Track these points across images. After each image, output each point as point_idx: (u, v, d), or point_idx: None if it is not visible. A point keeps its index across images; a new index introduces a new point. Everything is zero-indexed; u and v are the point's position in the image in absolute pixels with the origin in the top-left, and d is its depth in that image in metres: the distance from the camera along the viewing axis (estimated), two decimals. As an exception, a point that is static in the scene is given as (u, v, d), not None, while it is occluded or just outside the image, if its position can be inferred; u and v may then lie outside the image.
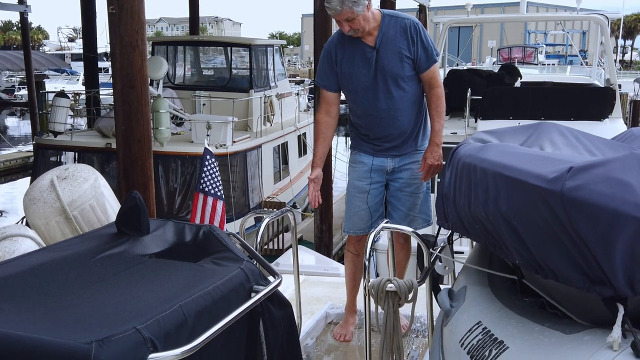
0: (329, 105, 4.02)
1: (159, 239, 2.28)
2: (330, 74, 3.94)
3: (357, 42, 3.86)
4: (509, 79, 12.86)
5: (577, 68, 18.19)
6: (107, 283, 1.87)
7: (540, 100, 10.48)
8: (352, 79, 3.90)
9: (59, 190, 2.83)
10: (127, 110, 5.26)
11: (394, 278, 2.56)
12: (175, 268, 2.02)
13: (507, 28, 49.25)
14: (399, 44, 3.81)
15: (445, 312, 2.27)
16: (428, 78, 3.90)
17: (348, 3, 3.63)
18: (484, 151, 2.06)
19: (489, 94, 10.80)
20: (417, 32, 3.84)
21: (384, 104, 3.89)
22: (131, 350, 1.47)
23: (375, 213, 4.09)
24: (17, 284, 1.84)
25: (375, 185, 4.06)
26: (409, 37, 3.82)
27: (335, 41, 3.94)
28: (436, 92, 3.90)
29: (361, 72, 3.86)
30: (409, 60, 3.83)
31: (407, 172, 4.04)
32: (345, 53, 3.89)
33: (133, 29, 5.17)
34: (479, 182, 1.95)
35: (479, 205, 1.94)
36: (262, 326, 2.02)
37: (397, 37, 3.82)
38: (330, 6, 3.66)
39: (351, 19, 3.69)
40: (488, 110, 10.63)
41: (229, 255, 2.11)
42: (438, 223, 2.72)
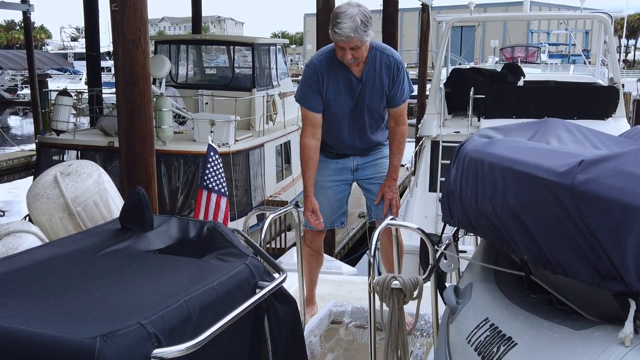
0: (314, 128, 3.94)
1: (163, 234, 2.27)
2: (317, 96, 3.88)
3: (344, 69, 3.83)
4: (512, 78, 12.82)
5: (580, 67, 18.16)
6: (111, 278, 1.85)
7: (543, 99, 10.45)
8: (334, 104, 3.90)
9: (62, 186, 2.81)
10: (130, 108, 5.24)
11: (399, 275, 2.54)
12: (180, 264, 2.00)
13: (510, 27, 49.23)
14: (382, 80, 3.84)
15: (452, 309, 2.25)
16: (396, 115, 3.97)
17: (360, 32, 3.56)
18: (491, 146, 2.04)
19: (492, 92, 10.77)
20: (398, 71, 3.86)
21: (357, 130, 3.98)
22: (135, 345, 1.46)
23: (338, 210, 4.15)
24: (20, 279, 1.83)
25: (337, 182, 4.12)
26: (390, 75, 3.85)
27: (324, 64, 3.86)
28: (401, 130, 3.98)
29: (344, 100, 3.88)
30: (385, 96, 3.90)
31: (372, 169, 4.14)
32: (332, 78, 3.85)
33: (135, 27, 5.15)
34: (486, 176, 1.92)
35: (486, 200, 1.92)
36: (266, 322, 2.00)
37: (382, 72, 3.84)
38: (342, 33, 3.56)
39: (357, 47, 3.65)
40: (491, 109, 10.60)
41: (233, 251, 2.09)
42: (443, 220, 2.70)
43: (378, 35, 14.24)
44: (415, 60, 55.99)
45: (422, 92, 20.10)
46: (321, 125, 3.96)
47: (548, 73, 16.65)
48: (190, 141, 11.65)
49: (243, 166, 12.13)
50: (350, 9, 3.56)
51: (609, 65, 11.88)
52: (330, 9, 10.50)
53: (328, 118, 3.97)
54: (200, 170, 11.37)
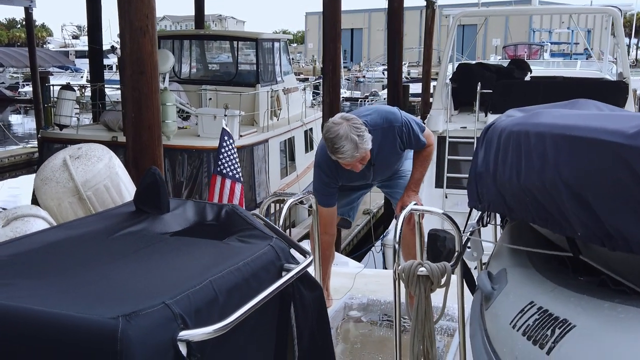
0: (328, 225, 3.97)
1: (180, 217, 2.15)
2: (332, 194, 3.90)
3: None
4: (519, 73, 12.71)
5: (588, 63, 18.03)
6: (127, 259, 1.74)
7: (551, 94, 10.31)
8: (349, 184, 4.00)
9: (72, 169, 2.69)
10: (137, 97, 5.12)
11: (425, 262, 2.43)
12: (200, 245, 1.89)
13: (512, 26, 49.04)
14: (393, 148, 3.81)
15: (486, 295, 2.12)
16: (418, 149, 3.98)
17: (360, 146, 3.47)
18: (537, 117, 1.91)
19: (499, 87, 10.66)
20: (406, 135, 3.79)
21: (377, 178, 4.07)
22: (161, 327, 1.34)
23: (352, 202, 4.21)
24: (32, 260, 1.71)
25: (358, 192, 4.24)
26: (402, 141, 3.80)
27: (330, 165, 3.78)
28: (427, 150, 3.96)
29: (358, 181, 3.97)
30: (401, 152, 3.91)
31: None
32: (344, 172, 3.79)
33: (143, 14, 5.03)
34: (532, 149, 1.80)
35: (532, 175, 1.79)
36: (292, 308, 1.89)
37: (391, 146, 3.80)
38: (345, 157, 3.48)
39: (364, 156, 3.58)
40: (498, 104, 10.49)
41: (256, 233, 1.97)
42: (470, 205, 2.59)
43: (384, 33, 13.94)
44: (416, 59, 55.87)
45: (426, 89, 19.97)
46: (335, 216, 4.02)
47: (555, 68, 16.51)
48: (194, 136, 11.56)
49: (247, 162, 12.03)
50: (341, 129, 3.44)
51: (618, 59, 11.76)
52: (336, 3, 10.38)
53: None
54: (204, 166, 11.30)
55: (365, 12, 72.79)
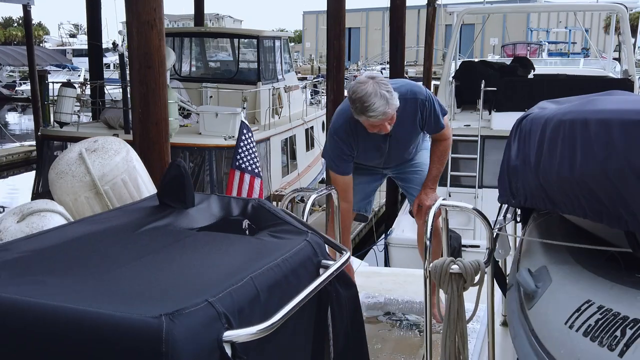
0: (346, 193, 3.81)
1: (205, 212, 2.05)
2: (350, 161, 3.76)
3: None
4: (522, 71, 12.65)
5: (591, 60, 17.95)
6: (158, 256, 1.64)
7: (556, 91, 10.23)
8: (364, 158, 3.85)
9: (88, 162, 2.59)
10: (144, 92, 5.00)
11: (458, 259, 2.33)
12: (232, 241, 1.79)
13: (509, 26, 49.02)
14: (410, 124, 3.68)
15: (529, 294, 2.03)
16: (438, 136, 3.84)
17: (391, 102, 3.33)
18: (594, 104, 1.82)
19: (503, 85, 10.59)
20: (425, 110, 3.66)
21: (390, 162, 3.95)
22: (205, 326, 1.24)
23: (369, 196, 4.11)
24: (56, 256, 1.61)
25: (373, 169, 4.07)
26: (421, 117, 3.68)
27: (349, 131, 3.66)
28: (445, 144, 3.85)
29: (374, 154, 3.82)
30: (419, 131, 3.77)
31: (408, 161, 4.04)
32: (360, 139, 3.68)
33: (150, 7, 4.92)
34: (593, 137, 1.70)
35: (592, 165, 1.69)
36: (329, 306, 1.79)
37: (411, 120, 3.67)
38: (377, 114, 3.32)
39: (392, 115, 3.42)
40: (502, 102, 10.42)
41: (288, 228, 1.87)
42: (502, 201, 2.50)
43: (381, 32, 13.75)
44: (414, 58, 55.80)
45: (427, 88, 19.84)
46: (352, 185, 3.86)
47: (557, 67, 16.43)
48: (195, 134, 11.45)
49: (249, 160, 11.92)
50: (368, 87, 3.31)
51: (623, 56, 11.68)
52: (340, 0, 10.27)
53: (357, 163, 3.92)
54: (206, 164, 11.19)
55: (363, 12, 72.69)
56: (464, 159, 10.31)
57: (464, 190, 10.26)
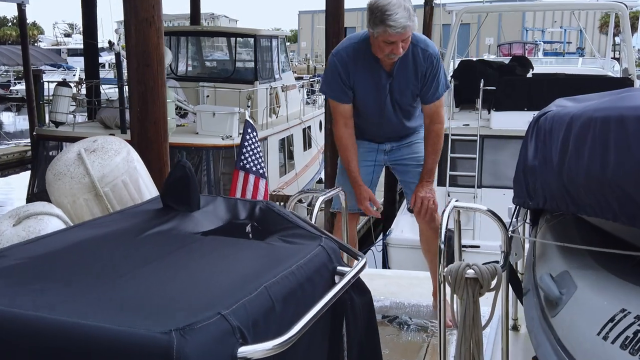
0: (346, 118, 3.68)
1: (212, 215, 1.95)
2: (346, 88, 3.60)
3: (375, 63, 3.52)
4: (521, 70, 12.60)
5: (590, 60, 17.91)
6: (164, 262, 1.54)
7: (555, 90, 10.17)
8: (361, 100, 3.64)
9: (87, 163, 2.48)
10: (143, 91, 4.89)
11: (474, 263, 2.24)
12: (242, 246, 1.69)
13: (505, 25, 49.01)
14: (413, 75, 3.54)
15: (552, 300, 1.93)
16: (431, 112, 3.67)
17: (412, 18, 3.20)
18: (630, 100, 1.72)
19: (502, 84, 10.53)
20: (432, 65, 3.53)
21: (388, 123, 3.73)
22: (219, 342, 1.14)
23: None
24: (56, 263, 1.51)
25: (369, 164, 3.85)
26: (424, 71, 3.53)
27: (351, 57, 3.54)
28: (436, 129, 3.68)
29: (372, 95, 3.61)
30: (416, 91, 3.62)
31: (407, 149, 3.85)
32: (359, 72, 3.55)
33: (149, 4, 4.81)
34: (632, 135, 1.60)
35: (629, 166, 1.60)
36: (344, 315, 1.69)
37: (413, 67, 3.53)
38: (398, 25, 3.18)
39: (408, 37, 3.30)
40: (502, 101, 10.37)
41: (300, 232, 1.78)
42: (517, 202, 2.40)
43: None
44: (411, 57, 55.62)
45: (424, 87, 19.69)
46: (352, 114, 3.70)
47: (556, 66, 16.38)
48: (193, 134, 11.35)
49: (247, 160, 11.82)
50: None
51: (623, 55, 11.63)
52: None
53: (356, 113, 3.72)
54: (203, 164, 11.08)
55: (359, 11, 72.62)
56: (463, 159, 10.24)
57: (463, 190, 10.19)
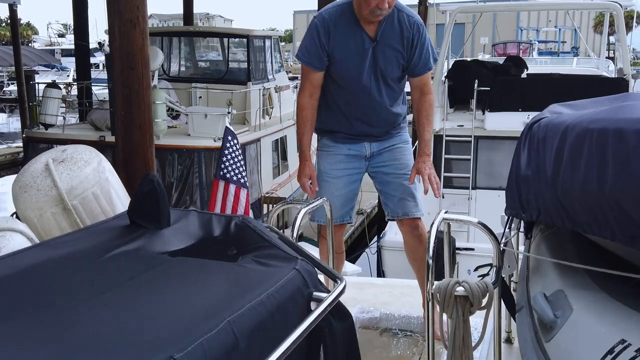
0: (313, 87, 3.53)
1: (183, 232, 1.83)
2: (320, 51, 3.44)
3: (357, 26, 3.40)
4: (515, 70, 12.54)
5: (584, 59, 17.85)
6: (123, 290, 1.41)
7: (550, 91, 10.11)
8: (341, 66, 3.46)
9: (55, 175, 2.35)
10: (127, 94, 4.78)
11: (463, 280, 2.12)
12: (211, 269, 1.56)
13: (500, 25, 49.00)
14: (398, 42, 3.43)
15: (547, 324, 1.81)
16: (421, 84, 3.55)
17: None
18: (628, 111, 1.59)
19: (497, 85, 10.46)
20: (418, 34, 3.45)
21: (370, 99, 3.51)
22: None
23: (349, 203, 3.70)
24: (6, 291, 1.38)
25: (350, 171, 3.67)
26: (410, 37, 3.43)
27: (334, 17, 3.43)
28: (428, 99, 3.57)
29: (353, 62, 3.44)
30: (402, 62, 3.47)
31: (389, 154, 3.65)
32: (340, 35, 3.42)
33: (133, 5, 4.69)
34: (632, 150, 1.47)
35: (630, 183, 1.47)
36: (322, 344, 1.57)
37: (398, 33, 3.42)
38: None
39: None
40: (496, 102, 10.30)
41: (275, 252, 1.65)
42: (510, 213, 2.28)
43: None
44: (406, 57, 55.55)
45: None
46: (321, 85, 3.54)
47: (551, 66, 16.31)
48: (184, 135, 11.22)
49: (239, 162, 11.71)
50: None
51: (618, 56, 11.55)
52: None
53: (336, 87, 3.54)
54: (195, 166, 10.95)
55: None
56: (458, 160, 10.16)
57: (457, 191, 10.11)
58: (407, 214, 3.60)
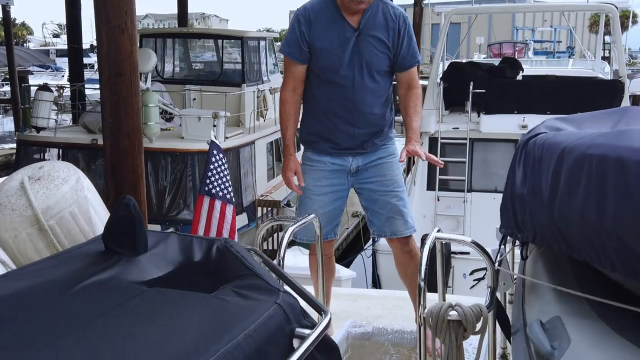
0: (295, 82, 3.46)
1: (160, 258, 1.73)
2: (300, 41, 3.39)
3: (338, 17, 3.35)
4: (511, 72, 12.47)
5: (580, 61, 17.80)
6: (91, 329, 1.32)
7: (546, 93, 10.06)
8: (323, 56, 3.38)
9: (30, 194, 2.25)
10: (115, 101, 4.67)
11: (456, 304, 2.03)
12: (187, 303, 1.47)
13: (495, 25, 49.01)
14: (383, 32, 3.38)
15: (544, 355, 1.73)
16: (408, 79, 3.49)
17: None
18: (629, 137, 1.50)
19: (492, 87, 10.40)
20: (405, 25, 3.42)
21: (352, 93, 3.41)
22: None
23: (334, 220, 3.60)
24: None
25: (334, 187, 3.57)
26: (395, 29, 3.39)
27: (316, 8, 3.39)
28: (415, 92, 3.53)
29: (334, 52, 3.36)
30: (389, 53, 3.41)
31: (375, 170, 3.55)
32: (322, 25, 3.37)
33: (121, 9, 4.58)
34: (633, 181, 1.39)
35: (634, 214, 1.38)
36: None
37: (383, 24, 3.38)
38: None
39: None
40: (491, 104, 10.25)
41: (257, 283, 1.56)
42: (504, 232, 2.20)
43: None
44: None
45: (414, 88, 19.54)
46: (304, 80, 3.48)
47: (546, 67, 16.25)
48: (178, 138, 11.15)
49: (233, 164, 11.62)
50: None
51: (613, 57, 11.50)
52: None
53: (318, 82, 3.45)
54: (188, 169, 10.85)
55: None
56: (453, 162, 10.10)
57: (452, 194, 10.05)
58: (395, 233, 3.52)
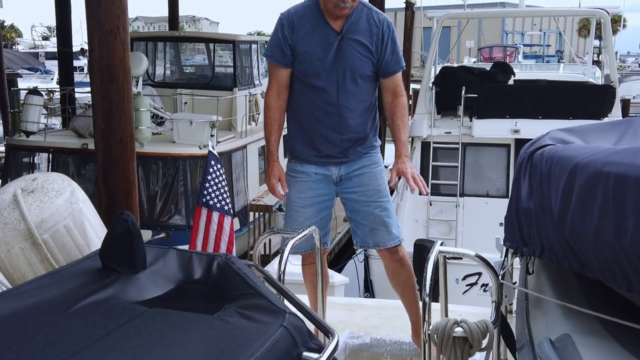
0: (280, 86, 3.45)
1: (160, 276, 1.68)
2: (283, 44, 3.38)
3: (322, 21, 3.35)
4: (503, 77, 12.49)
5: (571, 66, 17.86)
6: (91, 354, 1.26)
7: (537, 98, 10.07)
8: (305, 60, 3.37)
9: (24, 207, 2.19)
10: (107, 107, 4.60)
11: (462, 320, 1.99)
12: (190, 326, 1.41)
13: (485, 28, 49.21)
14: (366, 37, 3.37)
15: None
16: (393, 85, 3.46)
17: None
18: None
19: (484, 91, 10.40)
20: (389, 30, 3.41)
21: (335, 98, 3.37)
22: None
23: (323, 229, 3.54)
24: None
25: (319, 197, 3.53)
26: (379, 34, 3.38)
27: (299, 12, 3.39)
28: (401, 101, 3.49)
29: (317, 56, 3.34)
30: (372, 58, 3.39)
31: (358, 179, 3.50)
32: (305, 28, 3.36)
33: (114, 14, 4.52)
34: None
35: None
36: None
37: (367, 29, 3.37)
38: None
39: None
40: (483, 109, 10.24)
41: (260, 303, 1.50)
42: (509, 246, 2.16)
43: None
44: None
45: (406, 92, 19.62)
46: (288, 85, 3.46)
47: (537, 71, 16.29)
48: (169, 143, 11.05)
49: (225, 169, 11.50)
50: None
51: (605, 62, 11.53)
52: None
53: (301, 87, 3.43)
54: (180, 174, 10.77)
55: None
56: (445, 167, 10.08)
57: (445, 199, 10.02)
58: (379, 244, 3.48)
